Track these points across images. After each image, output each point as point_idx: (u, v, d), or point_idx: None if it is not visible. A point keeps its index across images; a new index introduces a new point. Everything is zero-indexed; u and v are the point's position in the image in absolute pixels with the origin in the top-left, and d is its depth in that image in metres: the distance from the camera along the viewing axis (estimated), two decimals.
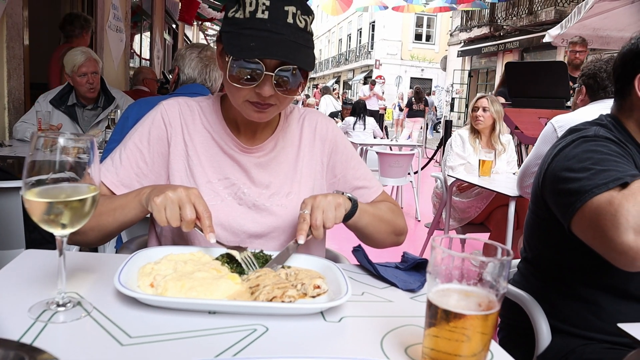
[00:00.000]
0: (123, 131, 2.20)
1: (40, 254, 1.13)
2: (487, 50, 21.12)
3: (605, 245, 1.14)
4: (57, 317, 0.85)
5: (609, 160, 1.26)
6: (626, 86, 1.42)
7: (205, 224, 1.07)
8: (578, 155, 1.31)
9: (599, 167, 1.23)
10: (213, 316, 0.90)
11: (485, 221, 3.89)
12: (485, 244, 0.82)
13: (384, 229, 1.34)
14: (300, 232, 1.12)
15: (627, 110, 1.43)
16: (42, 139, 0.83)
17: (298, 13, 1.14)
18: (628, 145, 1.36)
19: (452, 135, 4.13)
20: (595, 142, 1.33)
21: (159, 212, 1.05)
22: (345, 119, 8.07)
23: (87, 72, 3.33)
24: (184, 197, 1.05)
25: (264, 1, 1.11)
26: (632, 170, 1.23)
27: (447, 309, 0.73)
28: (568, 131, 1.46)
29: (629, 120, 1.43)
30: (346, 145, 1.45)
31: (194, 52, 2.46)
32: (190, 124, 1.32)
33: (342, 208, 1.17)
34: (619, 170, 1.21)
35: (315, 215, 1.12)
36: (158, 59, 9.64)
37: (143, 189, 1.16)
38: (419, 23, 31.73)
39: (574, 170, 1.28)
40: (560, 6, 15.63)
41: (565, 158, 1.35)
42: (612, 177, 1.18)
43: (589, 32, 6.87)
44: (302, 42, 1.14)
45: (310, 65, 1.15)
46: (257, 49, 1.09)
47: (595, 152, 1.29)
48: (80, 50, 3.42)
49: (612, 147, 1.31)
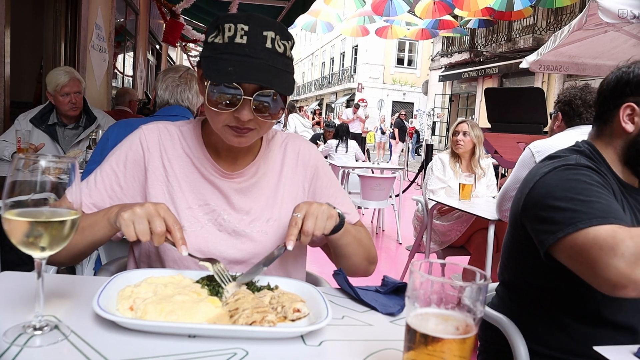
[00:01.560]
0: (103, 152, 2.20)
1: (17, 276, 1.12)
2: (468, 75, 21.49)
3: (594, 272, 1.18)
4: (33, 341, 0.83)
5: (591, 190, 1.29)
6: (609, 112, 1.45)
7: (177, 236, 1.06)
8: (561, 183, 1.34)
9: (583, 197, 1.27)
10: (193, 340, 0.90)
11: (465, 244, 3.92)
12: (464, 269, 0.84)
13: (361, 253, 1.34)
14: (289, 237, 1.11)
15: (606, 137, 1.46)
16: (23, 160, 0.83)
17: (277, 38, 1.15)
18: (606, 174, 1.40)
19: (433, 159, 4.18)
20: (577, 170, 1.36)
21: (127, 226, 1.04)
22: (327, 142, 8.11)
23: (70, 92, 3.33)
24: (152, 211, 1.05)
25: (243, 26, 1.13)
26: (614, 203, 1.27)
27: (426, 333, 0.74)
28: (548, 157, 1.49)
29: (607, 148, 1.45)
30: (327, 172, 1.45)
31: (169, 74, 2.52)
32: (170, 149, 1.32)
33: (333, 220, 1.18)
34: (603, 202, 1.25)
35: (307, 223, 1.12)
36: (141, 79, 9.62)
37: (111, 207, 1.16)
38: (401, 48, 32.21)
39: (558, 199, 1.31)
40: (537, 34, 16.03)
41: (548, 185, 1.37)
42: (603, 210, 1.23)
43: (565, 59, 7.06)
44: (280, 66, 1.16)
45: (289, 89, 1.16)
46: (234, 73, 1.10)
47: (578, 181, 1.32)
48: (63, 70, 3.42)
49: (594, 177, 1.34)
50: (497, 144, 5.12)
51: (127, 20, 8.28)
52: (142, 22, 9.26)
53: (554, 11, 15.25)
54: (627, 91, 1.41)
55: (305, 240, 1.13)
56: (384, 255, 5.69)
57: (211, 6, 7.11)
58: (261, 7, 6.66)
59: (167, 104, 2.45)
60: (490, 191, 4.06)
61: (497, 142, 5.10)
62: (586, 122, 2.76)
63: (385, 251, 5.86)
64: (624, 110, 1.41)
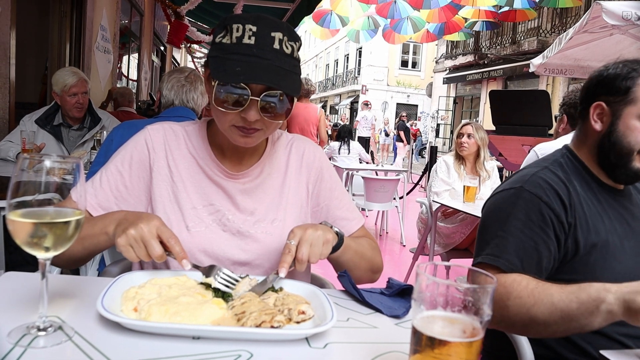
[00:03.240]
0: (107, 153, 2.20)
1: (21, 276, 1.12)
2: (472, 77, 21.47)
3: None
4: (37, 341, 0.83)
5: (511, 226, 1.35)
6: (583, 112, 1.47)
7: (176, 250, 1.04)
8: (496, 209, 1.43)
9: (499, 232, 1.36)
10: (197, 341, 0.89)
11: (469, 246, 3.91)
12: (469, 271, 0.83)
13: (363, 266, 1.33)
14: (282, 265, 1.09)
15: (582, 137, 1.49)
16: (27, 160, 0.83)
17: (285, 39, 1.15)
18: (578, 182, 1.41)
19: (437, 161, 4.17)
20: (521, 198, 1.37)
21: (127, 252, 1.03)
22: (330, 144, 8.12)
23: (77, 92, 3.36)
24: (146, 234, 1.02)
25: (251, 27, 1.13)
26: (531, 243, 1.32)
27: (432, 336, 0.73)
28: (516, 172, 1.53)
29: (582, 149, 1.48)
30: (331, 174, 1.44)
31: (174, 75, 2.53)
32: (175, 150, 1.32)
33: (329, 245, 1.15)
34: (514, 241, 1.33)
35: (302, 250, 1.10)
36: (145, 81, 9.65)
37: (108, 224, 1.13)
38: (405, 50, 32.20)
39: (486, 224, 1.44)
40: (542, 37, 16.00)
41: (487, 207, 1.48)
42: (496, 251, 1.33)
43: (570, 62, 7.04)
44: (288, 67, 1.15)
45: (296, 90, 1.16)
46: (242, 74, 1.10)
47: (510, 214, 1.36)
48: (70, 71, 3.44)
49: (531, 208, 1.35)
50: (501, 147, 5.11)
51: (132, 22, 8.32)
52: (146, 23, 9.30)
53: (558, 13, 15.23)
54: (598, 90, 1.43)
55: (300, 267, 1.10)
56: (388, 257, 5.68)
57: (216, 8, 7.13)
58: (266, 9, 6.67)
59: (172, 105, 2.46)
60: None
61: (502, 145, 5.09)
62: None
63: (389, 253, 5.85)
64: (594, 109, 1.43)
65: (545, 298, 1.20)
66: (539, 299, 1.20)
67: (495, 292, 1.17)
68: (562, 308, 1.17)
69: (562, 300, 1.18)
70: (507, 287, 1.25)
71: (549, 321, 1.20)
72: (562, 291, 1.19)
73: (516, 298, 1.23)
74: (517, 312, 1.23)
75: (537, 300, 1.21)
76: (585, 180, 1.44)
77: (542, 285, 1.23)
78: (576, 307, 1.16)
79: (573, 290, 1.18)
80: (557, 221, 1.34)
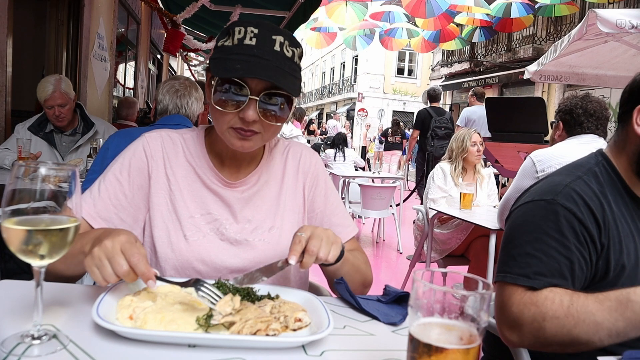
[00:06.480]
0: (104, 162, 2.21)
1: (16, 284, 1.11)
2: (468, 85, 21.52)
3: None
4: (31, 350, 0.82)
5: (543, 243, 1.25)
6: (625, 115, 1.35)
7: (140, 271, 0.95)
8: (526, 222, 1.32)
9: (529, 248, 1.27)
10: (193, 349, 0.89)
11: (465, 252, 3.91)
12: (465, 278, 0.83)
13: (357, 280, 1.32)
14: (293, 252, 1.07)
15: (620, 143, 1.36)
16: (23, 168, 0.83)
17: (286, 43, 1.17)
18: (608, 199, 1.30)
19: (434, 168, 4.18)
20: (553, 213, 1.27)
21: (93, 274, 0.95)
22: (325, 151, 8.14)
23: (53, 105, 3.31)
24: (110, 250, 0.95)
25: (253, 29, 1.14)
26: (564, 260, 1.24)
27: (429, 343, 0.72)
28: (547, 176, 1.42)
29: (620, 156, 1.35)
30: (327, 180, 1.44)
31: (169, 82, 2.58)
32: (172, 158, 1.31)
33: (338, 247, 1.14)
34: (543, 260, 1.24)
35: (313, 242, 1.08)
36: (142, 89, 9.65)
37: (86, 243, 1.05)
38: (401, 58, 32.31)
39: (510, 239, 1.33)
40: (537, 44, 16.07)
41: (514, 220, 1.36)
42: (528, 271, 1.25)
43: (565, 69, 7.07)
44: (287, 70, 1.16)
45: (296, 91, 1.16)
46: (242, 69, 1.11)
47: (541, 229, 1.27)
48: (49, 82, 3.33)
49: (565, 231, 1.25)
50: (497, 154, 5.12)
51: (129, 30, 8.33)
52: (143, 31, 9.31)
53: (553, 21, 15.31)
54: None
55: (308, 261, 1.08)
56: (384, 264, 5.67)
57: (212, 16, 7.14)
58: (262, 17, 6.69)
59: (167, 111, 2.47)
60: (491, 200, 4.07)
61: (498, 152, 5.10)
62: (587, 131, 2.76)
63: (386, 260, 5.85)
64: (638, 112, 1.30)
65: (586, 318, 1.15)
66: (580, 320, 1.15)
67: (527, 313, 1.20)
68: (608, 327, 1.14)
69: (606, 320, 1.14)
70: (540, 306, 1.19)
71: (594, 339, 1.15)
72: (602, 307, 1.15)
73: (553, 319, 1.17)
74: (555, 333, 1.17)
75: (578, 320, 1.15)
76: (619, 193, 1.33)
77: (576, 300, 1.17)
78: (624, 326, 1.13)
79: (614, 307, 1.14)
80: (591, 241, 1.25)
